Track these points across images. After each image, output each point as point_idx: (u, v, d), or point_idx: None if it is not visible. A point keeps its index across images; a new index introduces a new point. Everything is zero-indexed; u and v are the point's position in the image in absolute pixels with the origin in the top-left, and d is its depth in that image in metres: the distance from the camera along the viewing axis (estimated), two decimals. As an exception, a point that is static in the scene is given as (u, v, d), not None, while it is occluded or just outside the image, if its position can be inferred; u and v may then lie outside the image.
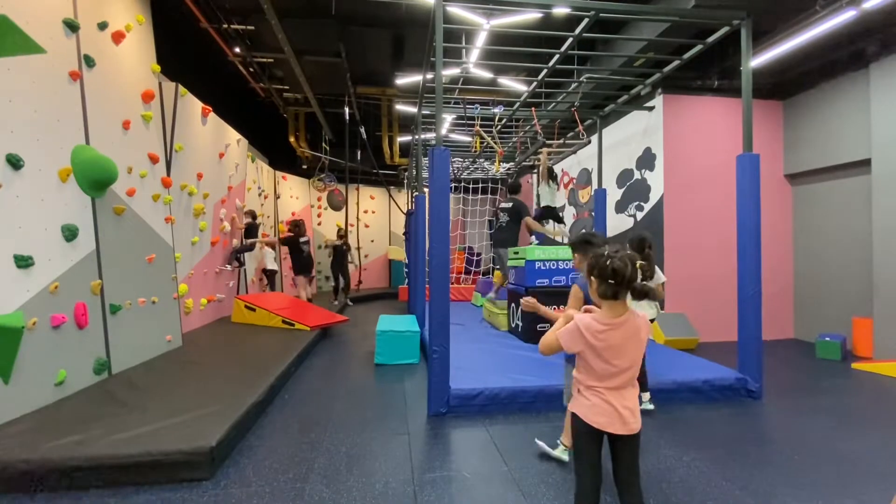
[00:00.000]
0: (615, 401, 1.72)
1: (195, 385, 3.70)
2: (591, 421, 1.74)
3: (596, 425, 1.73)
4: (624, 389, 1.75)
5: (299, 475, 2.63)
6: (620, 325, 1.72)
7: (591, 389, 1.77)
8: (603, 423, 1.73)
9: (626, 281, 1.68)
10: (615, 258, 1.70)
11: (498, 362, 4.52)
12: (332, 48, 7.41)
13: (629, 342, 1.73)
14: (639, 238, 3.58)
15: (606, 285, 1.71)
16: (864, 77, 5.53)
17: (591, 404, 1.76)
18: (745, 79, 4.01)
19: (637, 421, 1.74)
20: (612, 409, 1.72)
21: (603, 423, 1.73)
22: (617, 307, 1.74)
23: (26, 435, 2.68)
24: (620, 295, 1.71)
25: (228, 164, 7.21)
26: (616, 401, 1.72)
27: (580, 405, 1.80)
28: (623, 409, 1.72)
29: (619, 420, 1.71)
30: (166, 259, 5.02)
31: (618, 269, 1.68)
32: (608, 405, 1.72)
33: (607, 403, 1.73)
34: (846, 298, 5.92)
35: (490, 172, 11.45)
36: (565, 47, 4.71)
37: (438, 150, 3.61)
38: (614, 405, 1.72)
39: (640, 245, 3.52)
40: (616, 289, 1.70)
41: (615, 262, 1.69)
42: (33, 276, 3.19)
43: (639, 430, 1.76)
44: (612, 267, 1.69)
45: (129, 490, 2.44)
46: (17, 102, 3.12)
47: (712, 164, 6.37)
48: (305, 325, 6.19)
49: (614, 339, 1.70)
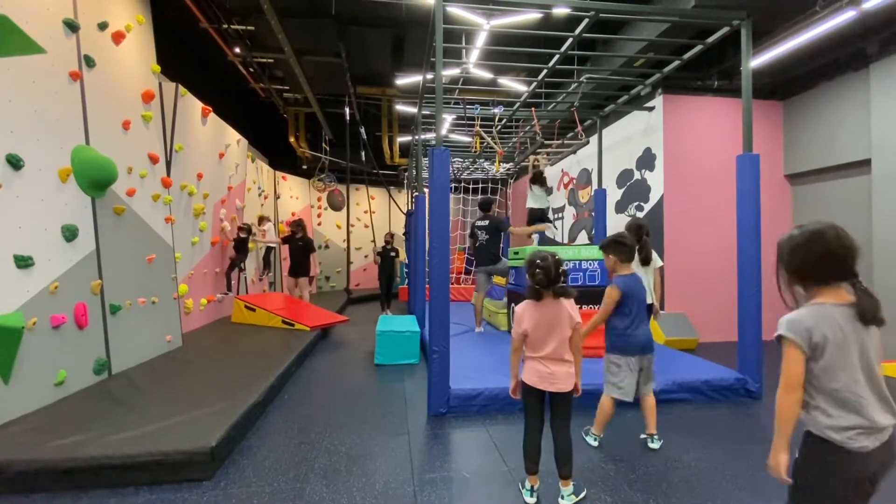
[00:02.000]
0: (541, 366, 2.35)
1: (195, 385, 3.70)
2: (528, 381, 2.37)
3: (531, 384, 2.36)
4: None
5: (299, 475, 2.63)
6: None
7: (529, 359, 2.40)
8: (535, 382, 2.35)
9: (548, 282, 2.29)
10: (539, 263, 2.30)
11: (498, 362, 4.51)
12: (332, 48, 7.42)
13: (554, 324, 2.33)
14: (636, 225, 3.82)
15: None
16: (864, 77, 5.53)
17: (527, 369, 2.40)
18: (745, 79, 4.01)
19: (563, 384, 2.32)
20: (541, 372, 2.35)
21: (535, 381, 2.35)
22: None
23: (26, 435, 2.69)
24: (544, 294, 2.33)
25: (228, 164, 7.21)
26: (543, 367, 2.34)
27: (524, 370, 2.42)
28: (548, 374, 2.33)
29: (548, 380, 2.33)
30: (166, 259, 5.02)
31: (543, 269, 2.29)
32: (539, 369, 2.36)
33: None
34: (846, 298, 5.92)
35: (490, 173, 11.46)
36: (565, 47, 4.71)
37: (438, 150, 3.61)
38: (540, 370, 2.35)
39: (638, 231, 3.75)
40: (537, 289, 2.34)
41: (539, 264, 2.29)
42: (33, 277, 3.19)
43: (568, 391, 2.33)
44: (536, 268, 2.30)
45: (129, 490, 2.44)
46: (18, 102, 3.13)
47: (712, 164, 6.37)
48: (305, 326, 6.18)
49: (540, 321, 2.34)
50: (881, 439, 1.29)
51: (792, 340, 1.37)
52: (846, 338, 1.34)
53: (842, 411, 1.32)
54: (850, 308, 1.36)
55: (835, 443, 1.31)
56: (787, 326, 1.39)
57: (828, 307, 1.37)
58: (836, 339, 1.34)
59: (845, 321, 1.35)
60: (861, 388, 1.32)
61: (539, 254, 2.36)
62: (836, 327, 1.34)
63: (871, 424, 1.30)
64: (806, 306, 1.41)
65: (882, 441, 1.29)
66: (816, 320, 1.36)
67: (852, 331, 1.34)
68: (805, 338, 1.36)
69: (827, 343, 1.34)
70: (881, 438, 1.29)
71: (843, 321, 1.35)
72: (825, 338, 1.34)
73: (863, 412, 1.31)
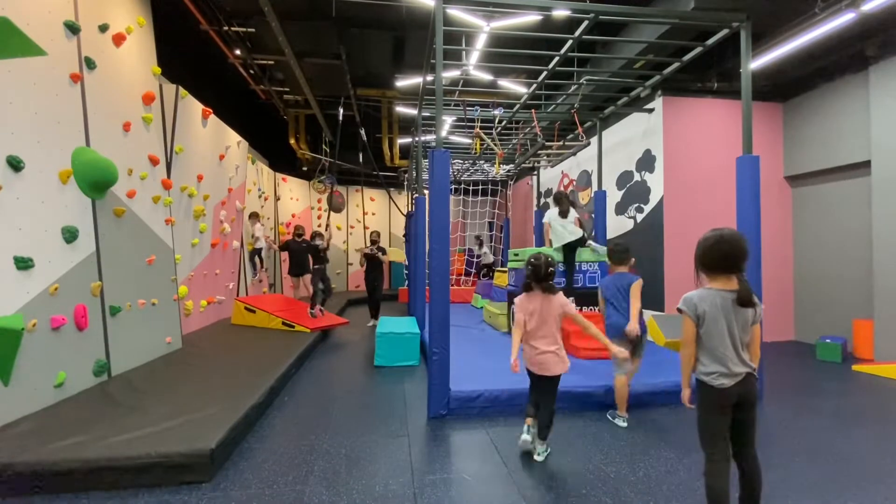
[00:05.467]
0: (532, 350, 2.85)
1: (195, 387, 3.70)
2: (525, 362, 2.89)
3: (526, 366, 2.90)
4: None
5: (299, 477, 2.63)
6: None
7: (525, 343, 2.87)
8: (528, 365, 2.89)
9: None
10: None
11: (498, 364, 4.51)
12: (333, 50, 7.42)
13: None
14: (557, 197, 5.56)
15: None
16: (863, 79, 5.54)
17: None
18: (745, 81, 4.01)
19: (550, 369, 2.78)
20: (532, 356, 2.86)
21: (528, 364, 2.89)
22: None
23: (26, 437, 2.68)
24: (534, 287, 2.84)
25: (229, 165, 7.21)
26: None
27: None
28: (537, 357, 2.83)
29: (537, 365, 2.83)
30: (166, 261, 5.02)
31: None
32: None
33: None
34: (847, 300, 5.92)
35: (490, 174, 11.47)
36: (565, 49, 4.72)
37: (438, 151, 3.61)
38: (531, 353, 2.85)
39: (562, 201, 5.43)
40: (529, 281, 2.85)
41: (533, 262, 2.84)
42: (33, 278, 3.19)
43: (553, 376, 2.79)
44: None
45: (129, 492, 2.43)
46: (18, 104, 3.13)
47: (712, 166, 6.38)
48: (305, 327, 6.18)
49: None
50: (736, 380, 1.96)
51: (685, 312, 2.02)
52: (718, 313, 1.95)
53: (712, 362, 1.99)
54: (732, 293, 1.95)
55: (705, 382, 2.01)
56: (683, 302, 2.05)
57: (713, 291, 1.99)
58: (712, 313, 1.96)
59: (722, 302, 1.95)
60: (725, 347, 1.96)
61: (535, 255, 2.84)
62: (713, 305, 1.96)
63: (728, 371, 1.95)
64: (700, 289, 2.04)
65: (736, 381, 1.96)
66: (701, 299, 1.99)
67: (724, 309, 1.95)
68: (692, 310, 2.00)
69: (706, 315, 1.97)
70: (736, 380, 1.96)
71: (720, 301, 1.95)
72: (705, 311, 1.97)
73: (724, 363, 1.96)
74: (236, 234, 7.58)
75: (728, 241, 1.96)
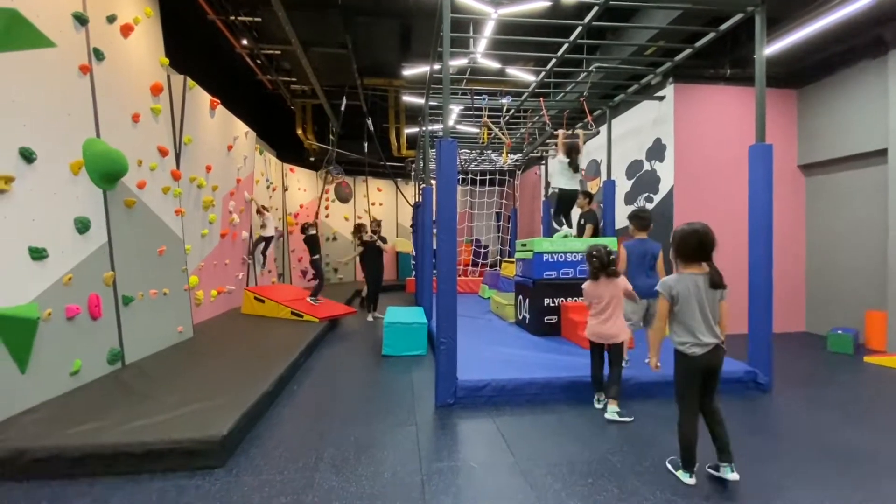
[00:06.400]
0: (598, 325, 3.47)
1: (206, 375, 3.76)
2: (590, 335, 3.53)
3: (591, 338, 3.51)
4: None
5: (309, 464, 2.67)
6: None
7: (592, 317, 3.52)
8: (594, 336, 3.49)
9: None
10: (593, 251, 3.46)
11: (505, 354, 4.52)
12: (339, 39, 7.38)
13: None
14: None
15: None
16: (882, 65, 5.39)
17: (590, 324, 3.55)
18: (759, 67, 3.93)
19: (614, 339, 3.39)
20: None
21: (594, 336, 3.49)
22: None
23: (43, 423, 2.75)
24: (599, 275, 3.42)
25: (237, 156, 7.24)
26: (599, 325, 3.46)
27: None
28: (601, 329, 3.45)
29: (604, 337, 3.43)
30: (177, 251, 5.08)
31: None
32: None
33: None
34: (860, 291, 5.83)
35: (498, 164, 11.39)
36: (574, 36, 4.64)
37: (446, 141, 3.59)
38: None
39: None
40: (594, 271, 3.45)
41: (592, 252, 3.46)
42: (48, 268, 3.25)
43: (618, 342, 3.40)
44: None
45: (144, 477, 2.49)
46: (29, 96, 3.16)
47: (724, 154, 6.28)
48: (314, 317, 6.24)
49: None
50: (706, 349, 2.37)
51: (661, 292, 2.48)
52: (691, 293, 2.40)
53: (685, 333, 2.43)
54: (705, 276, 2.40)
55: (680, 351, 2.44)
56: (660, 285, 2.51)
57: (687, 275, 2.43)
58: (685, 294, 2.40)
59: (695, 284, 2.40)
60: (697, 322, 2.39)
61: (595, 246, 3.42)
62: (686, 287, 2.40)
63: (698, 341, 2.38)
64: (676, 273, 2.48)
65: (706, 350, 2.37)
66: (677, 282, 2.44)
67: (697, 289, 2.39)
68: (667, 291, 2.45)
69: (680, 295, 2.41)
70: (706, 349, 2.37)
71: (693, 284, 2.40)
72: (678, 293, 2.42)
73: (695, 334, 2.39)
74: (245, 224, 7.63)
75: (701, 233, 2.38)
